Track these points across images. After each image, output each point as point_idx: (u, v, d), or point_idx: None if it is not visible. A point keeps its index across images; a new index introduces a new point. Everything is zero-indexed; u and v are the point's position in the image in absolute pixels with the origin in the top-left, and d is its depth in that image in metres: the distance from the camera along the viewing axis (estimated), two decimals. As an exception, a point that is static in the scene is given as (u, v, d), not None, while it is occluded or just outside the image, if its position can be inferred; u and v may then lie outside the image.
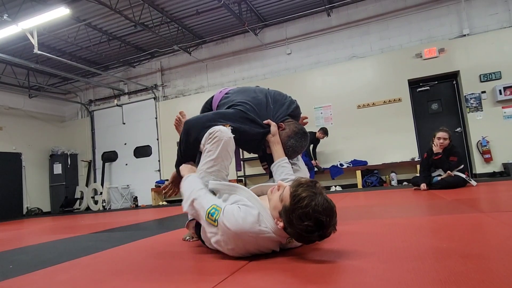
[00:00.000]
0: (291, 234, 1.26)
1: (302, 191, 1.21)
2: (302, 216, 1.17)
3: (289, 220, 1.22)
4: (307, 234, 1.19)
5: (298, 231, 1.20)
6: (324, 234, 1.21)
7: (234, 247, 1.32)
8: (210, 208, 1.37)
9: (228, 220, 1.29)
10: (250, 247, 1.32)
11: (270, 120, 1.82)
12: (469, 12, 6.77)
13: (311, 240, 1.26)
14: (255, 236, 1.28)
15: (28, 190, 9.36)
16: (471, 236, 1.54)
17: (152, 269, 1.41)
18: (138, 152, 9.66)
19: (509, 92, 6.24)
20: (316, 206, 1.17)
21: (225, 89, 2.07)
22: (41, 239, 3.03)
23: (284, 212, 1.24)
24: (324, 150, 7.33)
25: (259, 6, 7.51)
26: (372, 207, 3.25)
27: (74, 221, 5.30)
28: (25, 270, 1.63)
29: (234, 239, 1.30)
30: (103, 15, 7.08)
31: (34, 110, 9.86)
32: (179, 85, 9.32)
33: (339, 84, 7.48)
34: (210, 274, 1.22)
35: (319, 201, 1.18)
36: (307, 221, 1.17)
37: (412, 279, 0.95)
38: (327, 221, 1.18)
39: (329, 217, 1.18)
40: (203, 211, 1.39)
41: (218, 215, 1.32)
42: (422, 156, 5.07)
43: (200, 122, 1.72)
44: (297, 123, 1.93)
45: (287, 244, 1.39)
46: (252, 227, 1.28)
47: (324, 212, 1.17)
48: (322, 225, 1.17)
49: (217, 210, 1.35)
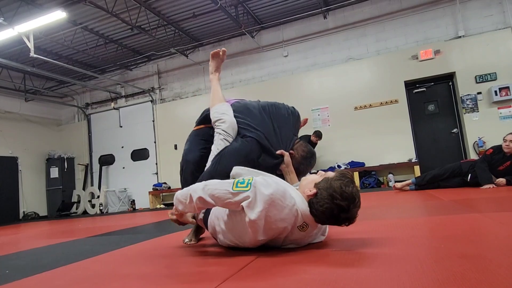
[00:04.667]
0: (317, 210, 1.35)
1: (347, 176, 1.39)
2: (342, 187, 1.32)
3: (328, 187, 1.34)
4: (337, 210, 1.32)
5: (332, 205, 1.32)
6: (349, 216, 1.35)
7: (261, 210, 1.31)
8: (235, 181, 1.40)
9: (261, 183, 1.35)
10: (274, 216, 1.33)
11: (283, 151, 1.86)
12: (464, 14, 6.82)
13: (335, 218, 1.35)
14: (283, 203, 1.34)
15: (24, 194, 9.29)
16: (469, 236, 1.55)
17: (151, 272, 1.41)
18: (135, 155, 9.63)
19: (504, 93, 6.29)
20: (355, 191, 1.36)
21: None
22: (38, 244, 3.01)
23: (324, 181, 1.38)
24: (321, 152, 7.33)
25: (255, 8, 7.52)
26: (369, 209, 3.25)
27: (71, 225, 5.27)
28: (21, 274, 1.62)
29: (265, 201, 1.31)
30: (99, 18, 7.07)
31: (31, 114, 9.81)
32: (176, 88, 9.31)
33: (336, 86, 7.50)
34: (210, 277, 1.22)
35: (357, 189, 1.38)
36: (345, 199, 1.32)
37: (411, 280, 0.95)
38: (356, 205, 1.35)
39: (356, 204, 1.35)
40: (227, 186, 1.39)
41: (250, 180, 1.37)
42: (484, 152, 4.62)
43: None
44: (304, 144, 1.98)
45: (298, 231, 1.42)
46: (284, 192, 1.36)
47: (357, 198, 1.35)
48: (353, 204, 1.33)
49: (245, 180, 1.38)
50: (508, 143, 4.01)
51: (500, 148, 4.15)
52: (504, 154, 4.08)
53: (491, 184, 3.99)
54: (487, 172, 4.10)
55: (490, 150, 4.28)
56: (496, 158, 4.14)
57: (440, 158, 6.79)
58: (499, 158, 4.12)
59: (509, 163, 4.05)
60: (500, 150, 4.13)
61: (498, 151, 4.16)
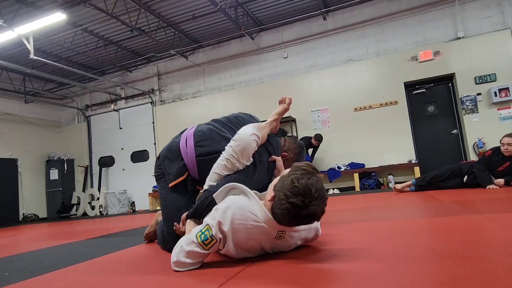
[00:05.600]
0: (278, 214, 1.26)
1: (301, 168, 1.26)
2: (294, 182, 1.20)
3: (281, 186, 1.24)
4: (294, 209, 1.20)
5: (287, 205, 1.21)
6: (310, 213, 1.21)
7: (228, 244, 1.30)
8: (199, 239, 1.30)
9: (217, 220, 1.29)
10: (242, 239, 1.30)
11: (274, 156, 1.76)
12: (463, 15, 6.83)
13: (297, 218, 1.24)
14: (246, 225, 1.28)
15: (24, 196, 9.28)
16: (469, 237, 1.54)
17: (150, 275, 1.41)
18: (135, 157, 9.62)
19: (504, 94, 6.29)
20: (311, 182, 1.21)
21: (189, 133, 1.85)
22: (38, 246, 3.01)
23: (280, 181, 1.28)
24: (321, 154, 7.33)
25: (255, 10, 7.54)
26: (370, 210, 3.25)
27: (71, 227, 5.26)
28: (21, 276, 1.62)
29: (230, 233, 1.28)
30: (99, 20, 7.07)
31: (30, 116, 9.81)
32: (176, 90, 9.32)
33: (336, 87, 7.51)
34: (208, 280, 1.22)
35: (314, 180, 1.22)
36: (297, 195, 1.19)
37: (411, 281, 0.95)
38: (314, 197, 1.20)
39: (314, 197, 1.20)
40: (199, 249, 1.31)
41: (210, 232, 1.29)
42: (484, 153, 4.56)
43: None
44: (291, 141, 1.94)
45: (278, 240, 1.36)
46: (242, 214, 1.29)
47: (313, 189, 1.20)
48: (309, 198, 1.19)
49: (204, 232, 1.30)
50: (506, 147, 4.03)
51: (499, 149, 4.16)
52: (503, 156, 4.09)
53: (493, 184, 4.00)
54: (486, 173, 4.11)
55: (489, 152, 4.29)
56: (495, 159, 4.16)
57: (440, 159, 6.79)
58: (498, 160, 4.13)
59: (508, 164, 4.06)
60: (499, 152, 4.15)
61: (497, 153, 4.17)
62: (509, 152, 4.01)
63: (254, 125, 1.70)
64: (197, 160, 1.73)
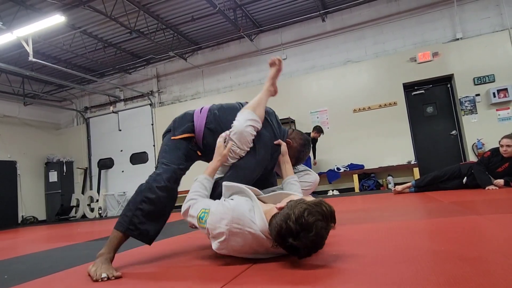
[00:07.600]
0: (272, 224, 1.27)
1: (321, 207, 1.21)
2: (304, 213, 1.17)
3: (292, 206, 1.23)
4: (285, 231, 1.19)
5: (283, 224, 1.20)
6: (297, 245, 1.17)
7: (221, 241, 1.33)
8: (199, 215, 1.43)
9: (215, 216, 1.35)
10: (238, 243, 1.33)
11: (280, 140, 1.85)
12: (462, 16, 6.85)
13: (282, 240, 1.22)
14: (242, 230, 1.31)
15: (23, 199, 9.27)
16: (469, 238, 1.54)
17: (151, 276, 1.40)
18: (134, 159, 9.61)
19: (503, 95, 6.31)
20: (318, 225, 1.16)
21: (205, 107, 1.97)
22: (37, 248, 3.00)
23: (296, 201, 1.27)
24: (320, 155, 7.33)
25: (254, 12, 7.55)
26: (369, 211, 3.25)
27: (70, 229, 5.25)
28: (20, 279, 1.61)
29: (224, 233, 1.31)
30: (98, 22, 7.08)
31: (29, 118, 9.80)
32: (175, 91, 9.32)
33: (335, 89, 7.52)
34: (211, 280, 1.22)
35: (321, 225, 1.17)
36: (298, 224, 1.16)
37: (410, 283, 0.95)
38: (309, 237, 1.16)
39: (309, 236, 1.16)
40: (195, 220, 1.46)
41: (206, 217, 1.39)
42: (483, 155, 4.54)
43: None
44: (299, 132, 2.00)
45: (275, 249, 1.35)
46: (240, 219, 1.32)
47: (314, 230, 1.16)
48: (304, 233, 1.15)
49: (204, 216, 1.41)
50: (505, 148, 4.02)
51: (498, 150, 4.16)
52: (502, 157, 4.10)
53: (492, 185, 4.00)
54: (485, 174, 4.11)
55: (488, 153, 4.29)
56: (494, 160, 4.16)
57: (439, 160, 6.80)
58: (498, 160, 4.13)
59: (508, 165, 4.06)
60: (498, 153, 4.15)
61: (496, 154, 4.17)
62: (508, 153, 4.01)
63: (247, 110, 1.76)
64: (205, 127, 1.84)
